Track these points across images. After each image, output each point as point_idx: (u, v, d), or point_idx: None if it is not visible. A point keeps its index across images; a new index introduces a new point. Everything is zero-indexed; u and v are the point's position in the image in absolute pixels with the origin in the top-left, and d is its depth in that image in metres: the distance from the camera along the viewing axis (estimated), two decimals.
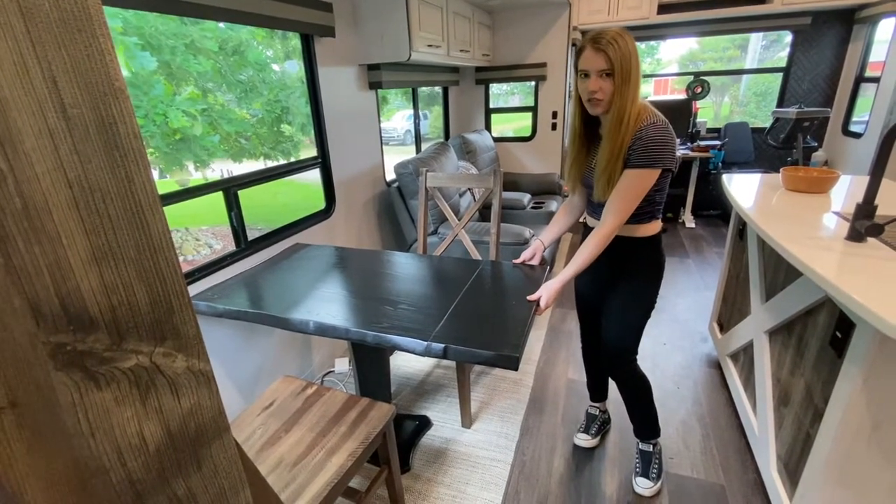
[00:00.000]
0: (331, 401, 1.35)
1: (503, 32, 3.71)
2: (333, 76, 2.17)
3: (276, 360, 1.96)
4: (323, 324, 1.24)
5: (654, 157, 1.16)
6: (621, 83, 1.13)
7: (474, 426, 1.83)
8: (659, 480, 1.55)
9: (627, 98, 1.15)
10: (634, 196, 1.21)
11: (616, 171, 1.21)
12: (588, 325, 1.65)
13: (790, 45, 3.98)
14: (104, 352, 0.35)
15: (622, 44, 1.11)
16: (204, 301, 1.44)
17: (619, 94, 1.14)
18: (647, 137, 1.16)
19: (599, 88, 1.15)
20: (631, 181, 1.20)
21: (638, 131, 1.17)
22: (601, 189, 1.25)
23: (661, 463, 1.60)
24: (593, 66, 1.14)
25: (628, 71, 1.12)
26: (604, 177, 1.23)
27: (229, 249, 1.74)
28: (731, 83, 8.55)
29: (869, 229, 1.20)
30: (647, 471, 1.56)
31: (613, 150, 1.19)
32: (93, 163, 0.33)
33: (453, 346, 1.10)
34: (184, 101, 3.67)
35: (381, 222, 2.75)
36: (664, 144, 1.16)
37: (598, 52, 1.13)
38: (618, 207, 1.22)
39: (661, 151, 1.16)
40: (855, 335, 1.05)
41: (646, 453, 1.59)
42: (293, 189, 6.41)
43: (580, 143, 1.33)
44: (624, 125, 1.16)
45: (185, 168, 4.93)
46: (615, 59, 1.11)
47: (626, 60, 1.12)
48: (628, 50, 1.12)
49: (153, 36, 3.53)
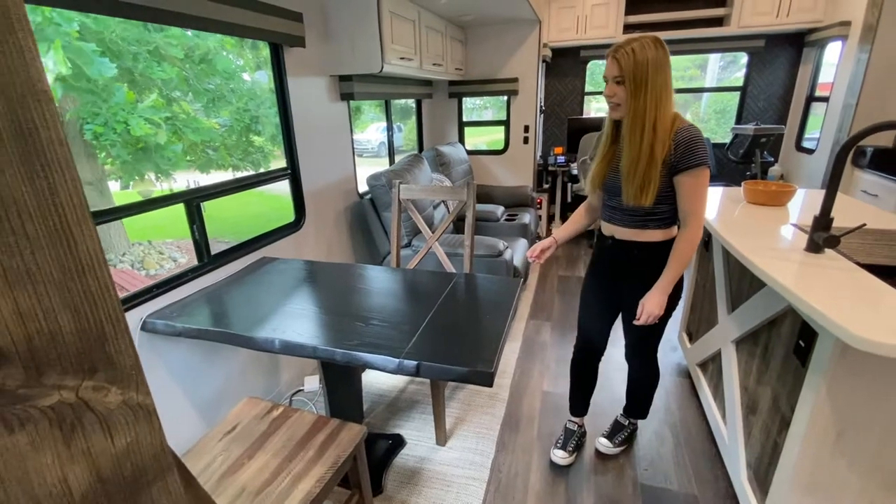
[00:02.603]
0: (298, 423, 1.29)
1: (476, 47, 3.76)
2: (303, 86, 2.13)
3: (241, 380, 1.87)
4: (289, 342, 1.19)
5: (702, 155, 1.21)
6: (634, 89, 1.19)
7: (449, 443, 1.79)
8: (620, 447, 1.74)
9: (646, 104, 1.19)
10: (704, 195, 1.26)
11: (651, 177, 1.23)
12: (589, 335, 1.64)
13: (746, 65, 4.19)
14: (18, 389, 0.30)
15: (639, 52, 1.17)
16: (162, 319, 1.36)
17: (634, 99, 1.20)
18: (688, 140, 1.21)
19: (614, 94, 1.24)
20: (694, 183, 1.24)
21: (675, 135, 1.22)
22: (632, 193, 1.27)
23: (628, 437, 1.77)
24: (609, 73, 1.25)
25: (643, 78, 1.18)
26: (634, 182, 1.26)
27: (194, 264, 1.66)
28: (693, 101, 8.95)
29: (826, 241, 1.24)
30: (613, 436, 1.75)
31: (638, 154, 1.23)
32: (6, 173, 0.29)
33: (426, 362, 1.06)
34: (146, 108, 3.54)
35: (353, 235, 2.70)
36: (703, 143, 1.23)
37: (613, 59, 1.22)
38: (694, 209, 1.26)
39: (704, 149, 1.22)
40: (817, 344, 1.08)
41: (619, 423, 1.79)
42: (264, 200, 6.26)
43: (607, 146, 1.37)
44: (647, 130, 1.20)
45: (148, 179, 4.75)
46: (626, 66, 1.18)
47: (641, 68, 1.17)
48: (645, 58, 1.17)
49: (114, 42, 3.40)
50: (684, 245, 1.29)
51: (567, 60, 4.53)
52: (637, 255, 1.37)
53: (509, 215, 3.39)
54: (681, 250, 1.30)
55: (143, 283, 4.62)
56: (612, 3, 3.91)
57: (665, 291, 1.32)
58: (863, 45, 2.96)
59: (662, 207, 1.30)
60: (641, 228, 1.34)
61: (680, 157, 1.22)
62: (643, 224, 1.34)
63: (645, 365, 1.61)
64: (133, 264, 5.37)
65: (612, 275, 1.47)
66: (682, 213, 1.29)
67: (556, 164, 4.27)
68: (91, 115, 3.15)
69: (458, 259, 2.25)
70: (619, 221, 1.38)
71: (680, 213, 1.30)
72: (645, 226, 1.34)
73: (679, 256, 1.30)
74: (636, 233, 1.35)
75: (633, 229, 1.36)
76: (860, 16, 2.97)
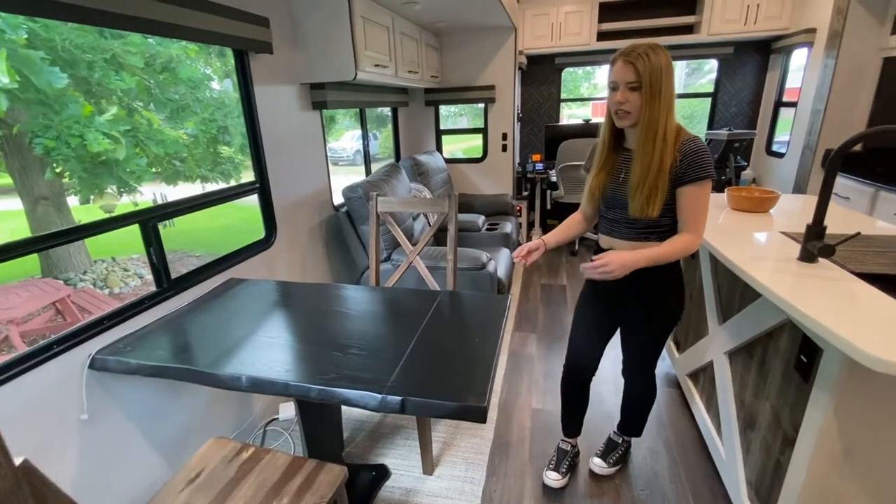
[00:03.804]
0: (271, 465, 1.17)
1: (451, 54, 3.70)
2: (272, 95, 2.01)
3: (209, 413, 1.72)
4: (258, 378, 1.07)
5: (708, 168, 1.17)
6: (650, 96, 1.13)
7: (437, 472, 1.68)
8: (614, 467, 1.66)
9: (659, 112, 1.14)
10: (705, 208, 1.21)
11: (659, 187, 1.18)
12: (582, 354, 1.56)
13: (717, 71, 4.27)
14: None
15: (653, 58, 1.11)
16: (114, 356, 1.22)
17: (649, 107, 1.14)
18: (694, 151, 1.16)
19: (626, 100, 1.15)
20: (698, 194, 1.19)
21: (682, 145, 1.17)
22: (638, 205, 1.21)
23: (623, 455, 1.70)
24: (621, 78, 1.15)
25: (659, 85, 1.12)
26: (642, 192, 1.20)
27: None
28: None
29: (822, 250, 1.21)
30: (607, 456, 1.68)
31: (650, 164, 1.17)
32: None
33: (411, 398, 0.96)
34: (104, 122, 3.31)
35: (328, 250, 2.57)
36: (709, 155, 1.18)
37: (627, 64, 1.13)
38: (697, 224, 1.20)
39: (710, 162, 1.17)
40: (823, 360, 1.03)
41: (613, 441, 1.72)
42: (236, 210, 6.03)
43: (606, 155, 1.31)
44: (659, 140, 1.15)
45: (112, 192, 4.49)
46: (643, 71, 1.11)
47: (657, 74, 1.11)
48: (660, 64, 1.11)
49: (66, 50, 3.19)
50: (681, 245, 1.20)
51: (542, 68, 4.53)
52: (638, 271, 1.29)
53: (490, 225, 3.32)
54: (674, 246, 1.20)
55: (107, 303, 4.32)
56: (586, 10, 3.93)
57: (635, 259, 1.18)
58: (829, 52, 3.03)
59: (665, 220, 1.25)
60: (643, 241, 1.28)
61: (686, 169, 1.17)
62: (645, 237, 1.28)
63: (644, 382, 1.56)
64: (95, 283, 5.07)
65: (612, 290, 1.39)
66: (682, 224, 1.23)
67: (535, 171, 4.24)
68: (42, 128, 2.93)
69: (440, 273, 2.16)
70: (620, 234, 1.32)
71: (680, 224, 1.24)
72: (647, 238, 1.28)
73: (669, 247, 1.20)
74: (637, 246, 1.29)
75: (634, 242, 1.30)
76: (825, 23, 3.05)
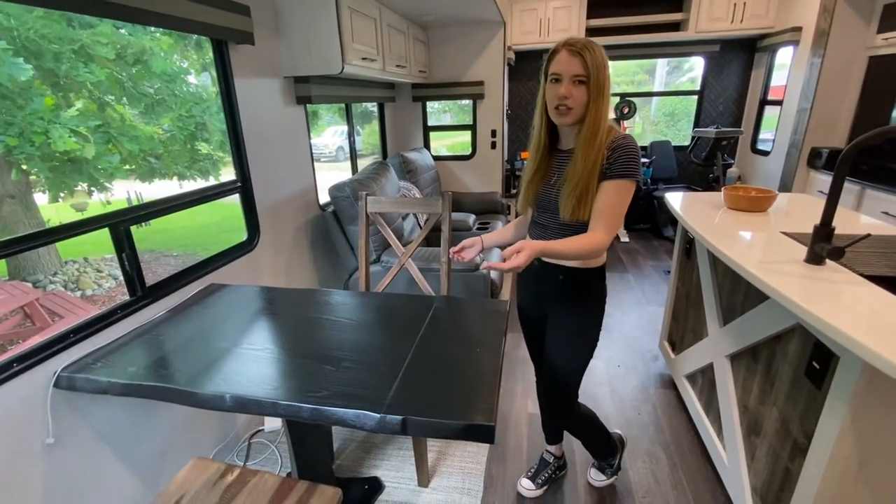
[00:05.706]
0: (259, 489, 1.08)
1: (439, 49, 3.61)
2: (254, 89, 1.90)
3: (189, 430, 1.61)
4: (244, 397, 0.98)
5: (635, 168, 1.09)
6: (596, 95, 1.05)
7: (432, 483, 1.62)
8: (612, 477, 1.62)
9: (602, 112, 1.07)
10: (623, 209, 1.12)
11: (590, 188, 1.10)
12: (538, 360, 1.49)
13: (704, 68, 4.28)
14: None
15: (597, 52, 1.04)
16: (82, 373, 1.11)
17: (595, 106, 1.05)
18: (624, 148, 1.08)
19: (570, 95, 1.05)
20: (618, 193, 1.09)
21: (612, 142, 1.09)
22: (569, 208, 1.12)
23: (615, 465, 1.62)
24: (567, 70, 1.04)
25: (603, 82, 1.04)
26: (574, 195, 1.11)
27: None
28: (643, 104, 9.23)
29: (831, 253, 1.18)
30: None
31: (587, 166, 1.08)
32: None
33: (413, 417, 0.89)
34: (71, 117, 3.10)
35: (314, 252, 2.47)
36: (638, 156, 1.10)
37: (573, 55, 1.03)
38: (609, 222, 1.10)
39: (638, 163, 1.10)
40: (839, 368, 0.99)
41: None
42: (217, 208, 5.83)
43: (542, 157, 1.21)
44: (598, 140, 1.07)
45: (82, 190, 4.27)
46: (591, 66, 1.02)
47: (602, 70, 1.04)
48: (603, 60, 1.05)
49: (30, 40, 2.98)
50: (588, 242, 1.08)
51: (530, 64, 4.48)
52: (563, 279, 1.23)
53: (481, 223, 3.26)
54: (581, 242, 1.07)
55: (79, 306, 4.10)
56: (574, 6, 3.89)
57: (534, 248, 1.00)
58: (815, 50, 3.05)
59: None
60: None
61: (612, 164, 1.08)
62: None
63: (561, 412, 1.42)
64: (66, 285, 4.83)
65: (538, 297, 1.31)
66: (595, 221, 1.11)
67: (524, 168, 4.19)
68: (3, 124, 2.73)
69: (432, 275, 2.08)
70: (551, 239, 1.18)
71: (592, 221, 1.11)
72: None
73: (575, 243, 1.07)
74: None
75: None
76: (812, 22, 3.07)
